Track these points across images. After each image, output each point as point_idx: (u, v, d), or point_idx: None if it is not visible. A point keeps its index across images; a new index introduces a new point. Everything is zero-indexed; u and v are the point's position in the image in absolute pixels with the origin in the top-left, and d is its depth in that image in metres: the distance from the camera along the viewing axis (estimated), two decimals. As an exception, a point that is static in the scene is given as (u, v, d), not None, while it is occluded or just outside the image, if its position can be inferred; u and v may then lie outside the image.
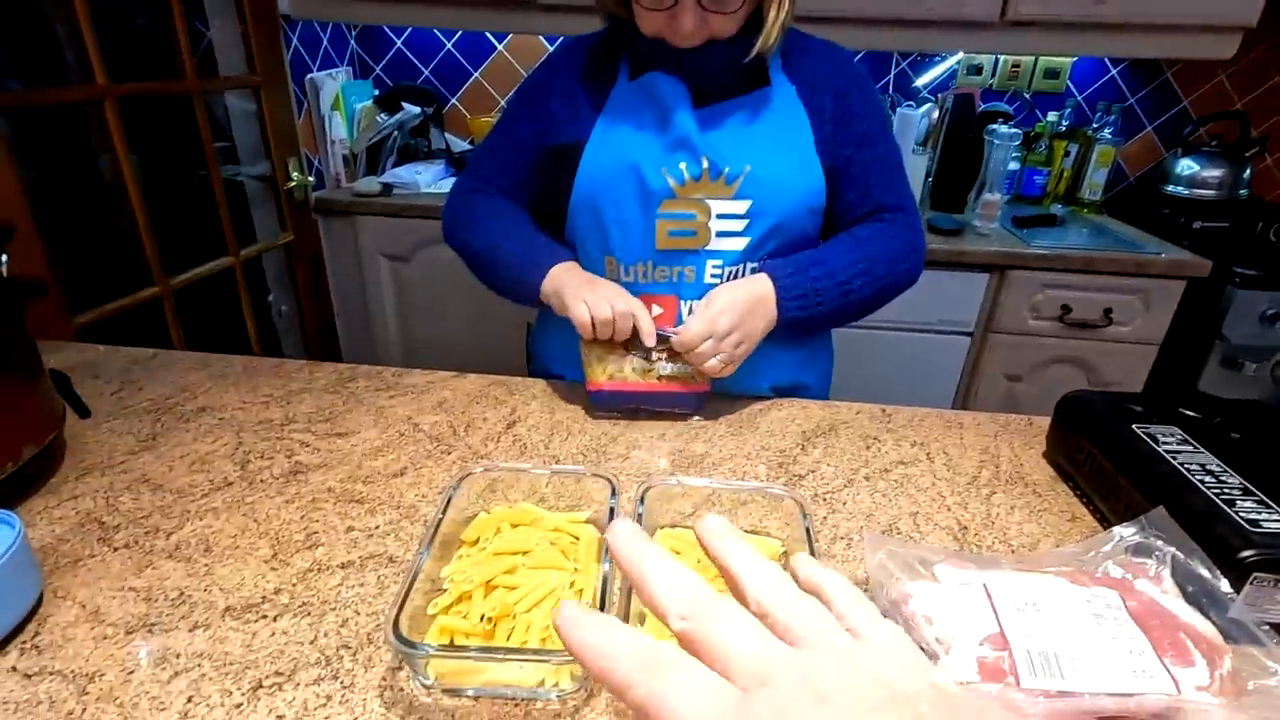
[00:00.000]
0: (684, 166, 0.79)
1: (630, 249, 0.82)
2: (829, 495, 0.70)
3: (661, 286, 0.83)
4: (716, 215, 0.80)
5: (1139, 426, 0.67)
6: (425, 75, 2.08)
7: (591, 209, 0.83)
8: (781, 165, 0.81)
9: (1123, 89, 1.99)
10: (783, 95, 0.83)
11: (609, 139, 0.81)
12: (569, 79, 0.86)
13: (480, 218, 0.91)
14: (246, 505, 0.65)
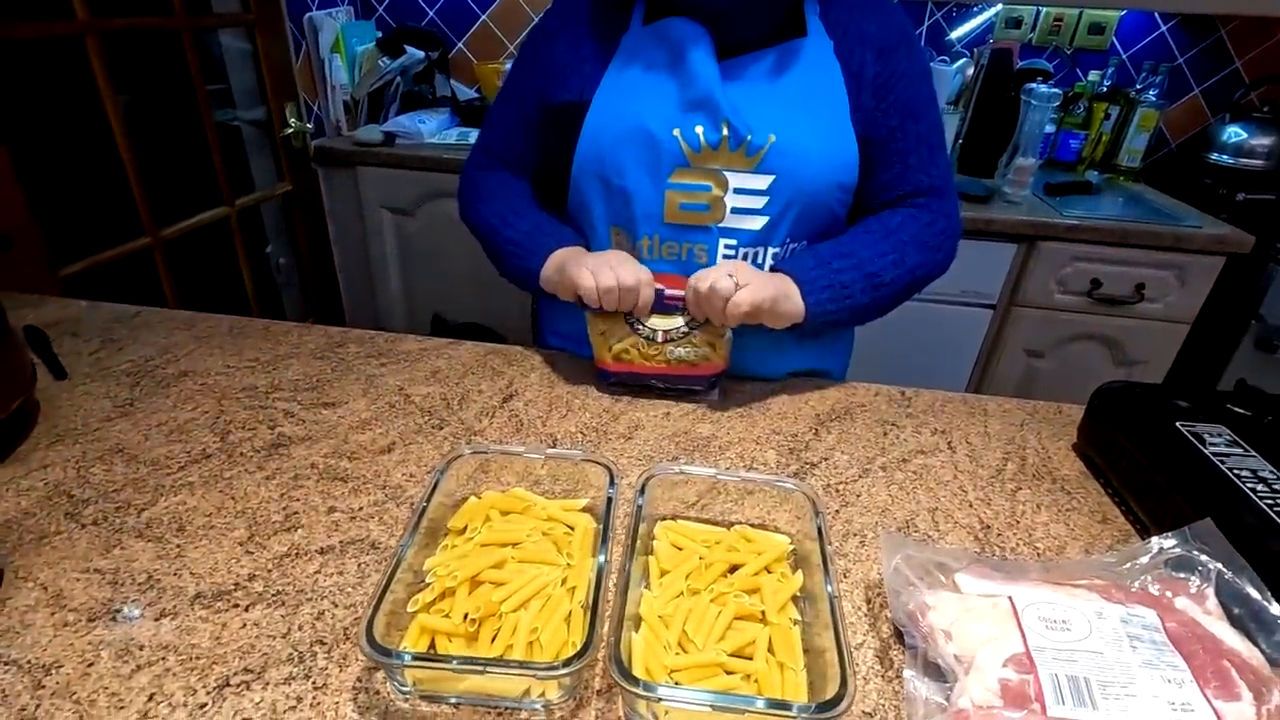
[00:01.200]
0: (701, 131, 0.71)
1: (638, 220, 0.74)
2: (842, 486, 0.65)
3: (669, 265, 0.76)
4: (734, 190, 0.72)
5: (1183, 424, 0.62)
6: (430, 17, 1.97)
7: (596, 175, 0.75)
8: (811, 135, 0.72)
9: (1171, 47, 1.86)
10: (818, 50, 0.74)
11: (617, 95, 0.74)
12: (576, 26, 0.77)
13: (485, 199, 0.85)
14: (224, 481, 0.61)
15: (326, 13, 1.76)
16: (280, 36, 1.56)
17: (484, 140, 0.88)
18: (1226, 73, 1.87)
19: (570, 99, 0.75)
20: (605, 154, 0.74)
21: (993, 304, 1.64)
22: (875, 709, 0.45)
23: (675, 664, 0.45)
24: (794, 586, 0.51)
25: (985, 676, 0.44)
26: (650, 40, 0.73)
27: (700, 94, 0.70)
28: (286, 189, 1.67)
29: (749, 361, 0.80)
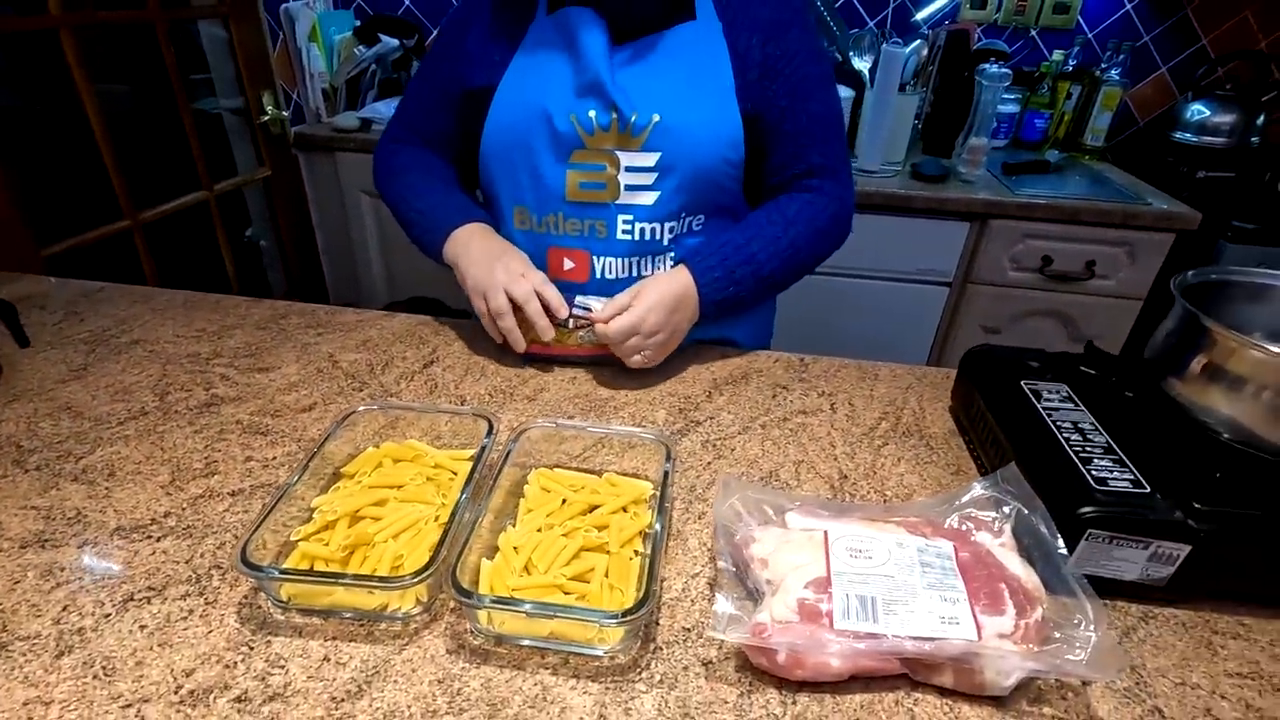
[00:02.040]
0: (593, 114, 0.76)
1: (541, 199, 0.80)
2: (720, 442, 0.71)
3: (573, 240, 0.81)
4: (625, 168, 0.77)
5: (1027, 383, 0.67)
6: (407, 4, 2.03)
7: (501, 157, 0.81)
8: (693, 113, 0.77)
9: (1137, 25, 1.87)
10: (707, 31, 0.79)
11: (521, 82, 0.79)
12: (487, 16, 0.83)
13: (396, 172, 0.91)
14: (157, 434, 0.68)
15: (303, 3, 1.82)
16: (255, 26, 1.63)
17: (400, 115, 0.93)
18: (1193, 50, 1.88)
19: (480, 85, 0.81)
20: (509, 137, 0.79)
21: (949, 281, 1.68)
22: (695, 625, 0.51)
23: (518, 584, 0.51)
24: (641, 524, 0.57)
25: (788, 596, 0.50)
26: (552, 29, 0.79)
27: (591, 78, 0.75)
28: (266, 174, 1.74)
29: None
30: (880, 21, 1.93)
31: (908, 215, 1.59)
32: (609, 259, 0.81)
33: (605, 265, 0.82)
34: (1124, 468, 0.55)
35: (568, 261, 0.82)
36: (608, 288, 0.82)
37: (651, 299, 0.76)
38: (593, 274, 0.82)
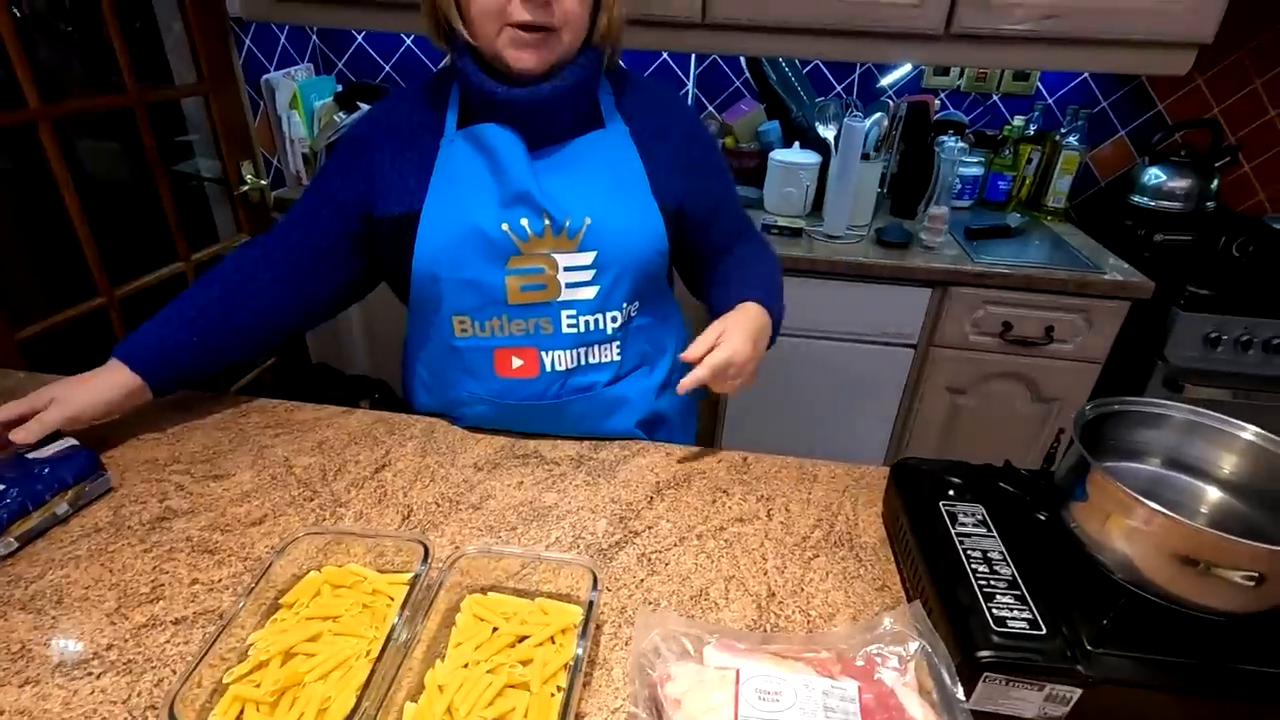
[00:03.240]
0: (526, 223, 0.80)
1: (482, 306, 0.83)
2: (655, 556, 0.74)
3: (519, 339, 0.85)
4: (564, 268, 0.82)
5: (946, 504, 0.70)
6: (387, 71, 2.08)
7: (435, 277, 0.83)
8: (622, 213, 0.83)
9: (1095, 92, 1.93)
10: (617, 136, 0.85)
11: (445, 203, 0.82)
12: (395, 139, 0.84)
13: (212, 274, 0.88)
14: (108, 555, 0.71)
15: (284, 72, 1.87)
16: (235, 100, 1.67)
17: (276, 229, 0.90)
18: (1150, 115, 1.94)
19: (401, 211, 0.83)
20: (443, 255, 0.82)
21: (914, 344, 1.72)
22: (609, 767, 0.53)
23: (439, 729, 0.53)
24: (565, 657, 0.59)
25: (696, 741, 0.52)
26: (466, 146, 0.82)
27: (518, 190, 0.80)
28: (245, 239, 1.78)
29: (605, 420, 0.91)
30: (848, 87, 1.99)
31: (871, 281, 1.63)
32: (557, 352, 0.86)
33: (554, 358, 0.86)
34: (1024, 605, 0.58)
35: (515, 360, 0.86)
36: (558, 380, 0.86)
37: (740, 332, 0.82)
38: (542, 368, 0.86)
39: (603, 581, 0.70)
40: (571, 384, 0.88)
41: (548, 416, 0.89)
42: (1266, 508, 0.62)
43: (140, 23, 1.61)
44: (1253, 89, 1.87)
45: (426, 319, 0.89)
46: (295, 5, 1.66)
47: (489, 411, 0.90)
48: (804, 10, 1.50)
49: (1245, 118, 1.91)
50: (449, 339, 0.87)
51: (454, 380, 0.90)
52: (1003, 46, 1.51)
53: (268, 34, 1.84)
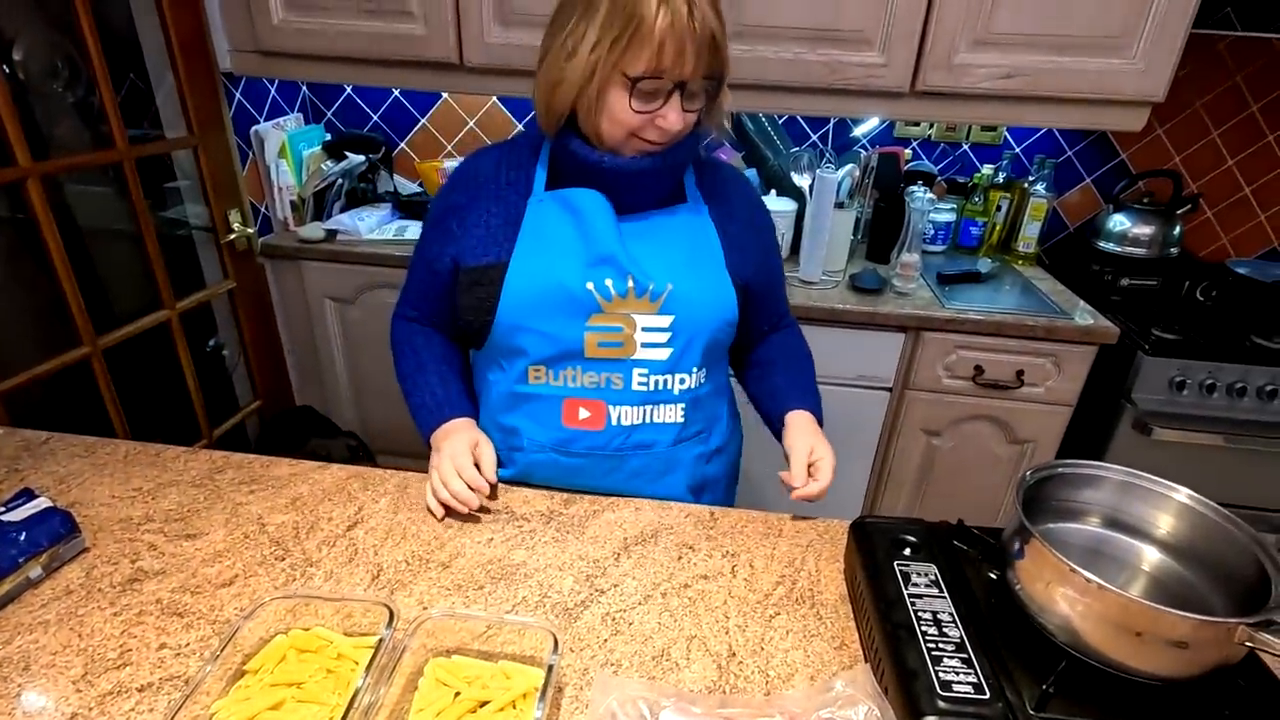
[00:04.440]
0: (610, 283, 0.86)
1: (558, 358, 0.88)
2: (620, 615, 0.75)
3: (590, 391, 0.90)
4: (642, 328, 0.87)
5: (900, 564, 0.72)
6: (375, 121, 2.14)
7: (517, 326, 0.88)
8: (700, 283, 0.89)
9: (1060, 142, 2.00)
10: (696, 213, 0.93)
11: (532, 258, 0.87)
12: (481, 198, 0.90)
13: (403, 352, 1.02)
14: (77, 619, 0.71)
15: (273, 123, 1.92)
16: (223, 151, 1.71)
17: (406, 294, 1.02)
18: (1113, 164, 2.01)
19: (488, 262, 0.88)
20: (527, 306, 0.87)
21: (889, 387, 1.75)
22: (563, 837, 0.54)
23: (396, 799, 0.54)
24: (525, 722, 0.60)
25: (648, 809, 0.53)
26: (556, 206, 0.88)
27: (605, 252, 0.86)
28: (231, 286, 1.80)
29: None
30: (823, 136, 2.06)
31: (846, 326, 1.67)
32: (624, 407, 0.91)
33: (620, 413, 0.91)
34: (970, 668, 0.59)
35: (583, 410, 0.91)
36: (621, 434, 0.92)
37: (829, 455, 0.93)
38: (608, 421, 0.91)
39: (566, 643, 0.71)
40: (634, 439, 0.92)
41: (604, 467, 0.94)
42: (1203, 568, 0.64)
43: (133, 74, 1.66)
44: (1210, 140, 1.95)
45: (499, 364, 0.94)
46: (285, 61, 1.71)
47: (546, 460, 0.94)
48: (776, 69, 1.56)
49: (1205, 167, 1.98)
50: (521, 384, 0.91)
51: (518, 425, 0.94)
52: (966, 103, 1.57)
53: (258, 86, 1.89)
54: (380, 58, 1.67)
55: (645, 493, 0.95)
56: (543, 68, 0.83)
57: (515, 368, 0.91)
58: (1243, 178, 1.97)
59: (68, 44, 1.50)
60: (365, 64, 1.70)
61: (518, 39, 1.61)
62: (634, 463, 0.93)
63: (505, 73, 1.66)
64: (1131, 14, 1.44)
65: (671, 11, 0.73)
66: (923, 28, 1.50)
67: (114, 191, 1.60)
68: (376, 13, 1.63)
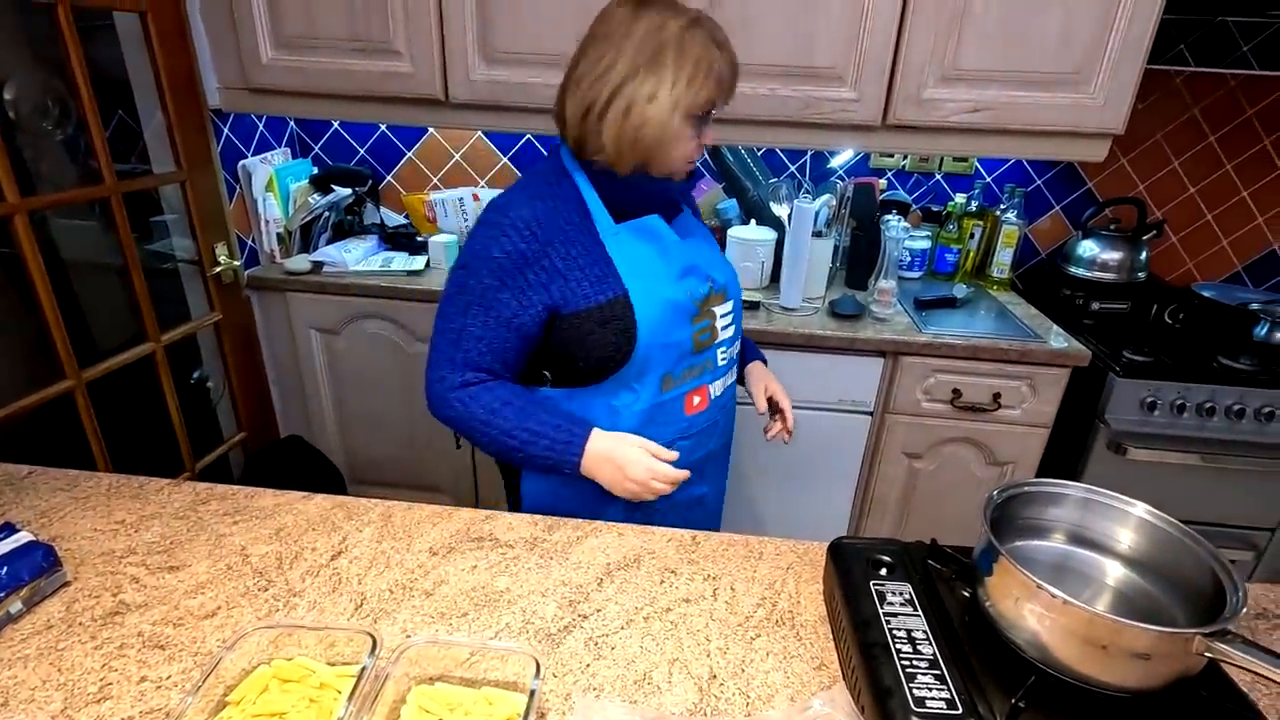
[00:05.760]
0: (697, 288, 0.99)
1: (679, 362, 0.99)
2: (602, 640, 0.76)
3: (697, 381, 1.03)
4: (719, 316, 1.03)
5: (876, 583, 0.73)
6: (362, 154, 2.17)
7: (653, 345, 0.94)
8: (729, 269, 1.08)
9: (1029, 172, 2.07)
10: (694, 214, 1.11)
11: (642, 284, 0.94)
12: (554, 245, 0.92)
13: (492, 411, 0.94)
14: (57, 653, 0.71)
15: (260, 157, 1.95)
16: (212, 186, 1.73)
17: (455, 360, 0.95)
18: (1081, 192, 2.08)
19: (605, 299, 0.93)
20: (657, 326, 0.94)
21: (870, 411, 1.78)
22: None
23: (378, 827, 0.54)
24: (505, 748, 0.61)
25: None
26: (630, 235, 0.96)
27: (686, 264, 0.99)
28: (217, 318, 1.81)
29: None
30: (801, 168, 2.11)
31: (826, 352, 1.70)
32: (715, 383, 1.05)
33: (714, 389, 1.06)
34: (943, 684, 0.61)
35: (696, 398, 1.04)
36: (718, 402, 1.07)
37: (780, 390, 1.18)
38: (710, 398, 1.05)
39: (548, 668, 0.72)
40: (721, 404, 1.08)
41: (708, 436, 1.07)
42: (1165, 581, 0.67)
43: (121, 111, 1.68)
44: (1172, 169, 2.02)
45: (630, 387, 0.98)
46: (273, 98, 1.75)
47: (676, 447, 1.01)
48: (754, 104, 1.62)
49: (1168, 195, 2.05)
50: (657, 397, 0.99)
51: (652, 435, 0.99)
52: (936, 135, 1.63)
53: (246, 121, 1.93)
54: (367, 94, 1.71)
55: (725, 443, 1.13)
56: (610, 118, 0.88)
57: (650, 384, 0.98)
58: (1204, 205, 2.05)
59: (58, 83, 1.53)
60: (352, 100, 1.74)
61: (501, 76, 1.66)
62: (721, 424, 1.09)
63: (489, 108, 1.70)
64: (1090, 51, 1.51)
65: (725, 54, 0.90)
66: (892, 64, 1.56)
67: (101, 226, 1.61)
68: (364, 51, 1.67)
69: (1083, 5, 1.48)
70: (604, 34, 0.89)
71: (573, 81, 0.90)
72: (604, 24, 0.90)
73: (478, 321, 0.93)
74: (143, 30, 1.54)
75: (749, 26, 1.56)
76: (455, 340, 0.94)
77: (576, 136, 0.92)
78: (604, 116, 0.88)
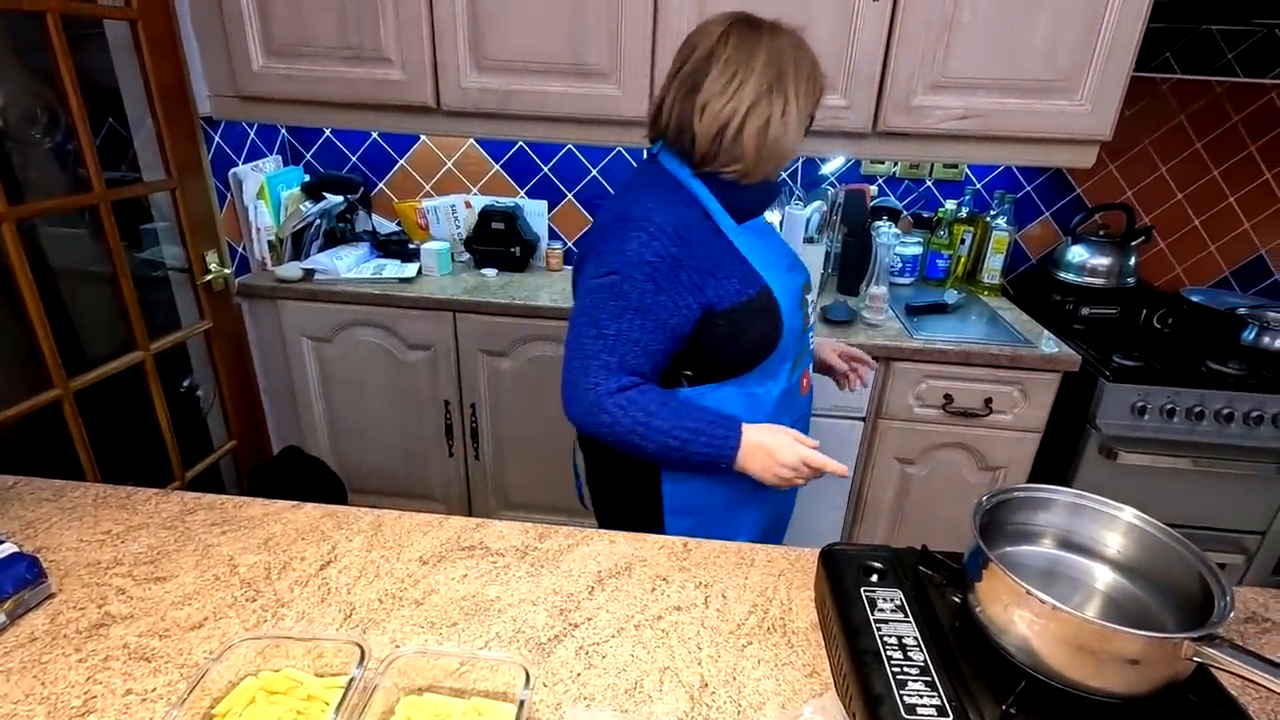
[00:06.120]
0: (799, 276, 1.06)
1: (801, 348, 1.07)
2: (593, 648, 0.75)
3: (804, 364, 1.10)
4: (809, 302, 1.10)
5: (866, 590, 0.73)
6: (354, 162, 2.17)
7: (789, 333, 1.01)
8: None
9: (1018, 178, 2.09)
10: None
11: (774, 278, 1.00)
12: (695, 249, 0.94)
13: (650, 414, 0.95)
14: (40, 666, 0.70)
15: (252, 165, 1.94)
16: (202, 194, 1.73)
17: (610, 365, 0.94)
18: (1070, 198, 2.09)
19: (754, 292, 0.98)
20: (792, 316, 1.01)
21: (863, 416, 1.78)
22: None
23: (365, 841, 0.54)
24: (495, 759, 0.60)
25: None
26: (748, 234, 1.02)
27: (791, 259, 1.08)
28: (208, 326, 1.80)
29: None
30: (793, 174, 2.12)
31: (819, 358, 1.70)
32: (809, 365, 1.14)
33: (810, 371, 1.15)
34: (933, 691, 0.61)
35: (806, 380, 1.12)
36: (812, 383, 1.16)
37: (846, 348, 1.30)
38: (810, 381, 1.15)
39: (539, 678, 0.71)
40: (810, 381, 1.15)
41: (807, 412, 1.16)
42: (1154, 586, 0.67)
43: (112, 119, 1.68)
44: (1160, 175, 2.04)
45: (771, 376, 1.03)
46: (264, 106, 1.75)
47: None
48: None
49: (1156, 201, 2.07)
50: (787, 380, 1.05)
51: (784, 420, 1.05)
52: (925, 142, 1.64)
53: (237, 129, 1.92)
54: (359, 102, 1.71)
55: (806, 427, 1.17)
56: (747, 135, 0.93)
57: (785, 369, 1.04)
58: (1192, 210, 2.06)
59: (47, 91, 1.52)
60: (344, 108, 1.74)
61: (493, 83, 1.66)
62: (809, 398, 1.16)
63: (481, 116, 1.70)
64: (1076, 58, 1.53)
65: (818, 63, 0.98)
66: (881, 72, 1.57)
67: (90, 234, 1.61)
68: (355, 59, 1.67)
69: (1069, 13, 1.50)
70: (724, 56, 0.93)
71: (698, 105, 0.93)
72: (721, 46, 0.93)
73: (634, 325, 0.94)
74: (133, 38, 1.54)
75: (739, 34, 1.57)
76: (610, 346, 0.94)
77: (705, 153, 0.95)
78: (740, 134, 0.93)
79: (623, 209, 0.96)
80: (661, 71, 1.61)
